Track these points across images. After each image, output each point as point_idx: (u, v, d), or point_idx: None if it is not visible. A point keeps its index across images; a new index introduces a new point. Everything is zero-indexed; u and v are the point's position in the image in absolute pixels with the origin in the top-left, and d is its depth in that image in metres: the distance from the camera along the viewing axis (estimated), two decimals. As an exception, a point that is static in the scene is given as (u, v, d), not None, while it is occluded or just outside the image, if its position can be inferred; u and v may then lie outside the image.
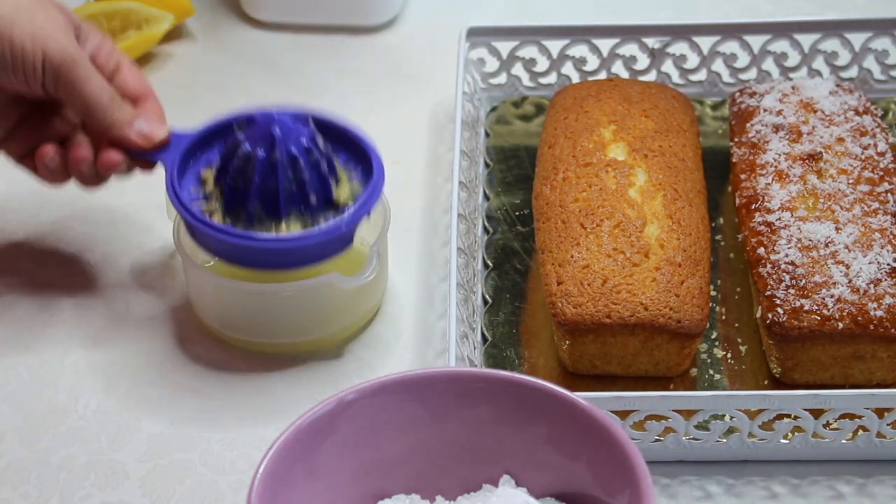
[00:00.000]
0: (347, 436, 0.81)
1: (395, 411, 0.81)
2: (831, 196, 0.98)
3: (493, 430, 0.82)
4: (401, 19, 1.32)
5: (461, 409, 0.82)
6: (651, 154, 1.02)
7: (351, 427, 0.81)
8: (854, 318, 0.92)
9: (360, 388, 0.80)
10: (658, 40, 1.18)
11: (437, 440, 0.83)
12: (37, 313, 1.03)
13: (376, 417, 0.81)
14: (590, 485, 0.80)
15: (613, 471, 0.78)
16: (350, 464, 0.81)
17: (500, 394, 0.81)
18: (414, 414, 0.82)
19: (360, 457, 0.82)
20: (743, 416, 0.89)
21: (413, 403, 0.82)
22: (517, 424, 0.82)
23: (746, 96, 1.10)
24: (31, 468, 0.93)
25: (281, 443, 0.78)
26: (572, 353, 0.95)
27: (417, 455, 0.83)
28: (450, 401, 0.82)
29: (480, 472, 0.83)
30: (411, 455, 0.83)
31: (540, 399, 0.81)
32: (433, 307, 1.03)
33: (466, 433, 0.82)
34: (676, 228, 0.97)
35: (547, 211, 1.00)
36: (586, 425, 0.80)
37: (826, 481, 0.91)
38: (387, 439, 0.82)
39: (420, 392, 0.82)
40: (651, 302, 0.93)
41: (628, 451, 0.77)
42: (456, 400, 0.82)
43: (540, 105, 1.19)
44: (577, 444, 0.80)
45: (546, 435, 0.81)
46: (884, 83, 1.18)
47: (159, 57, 1.28)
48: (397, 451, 0.82)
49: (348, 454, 0.81)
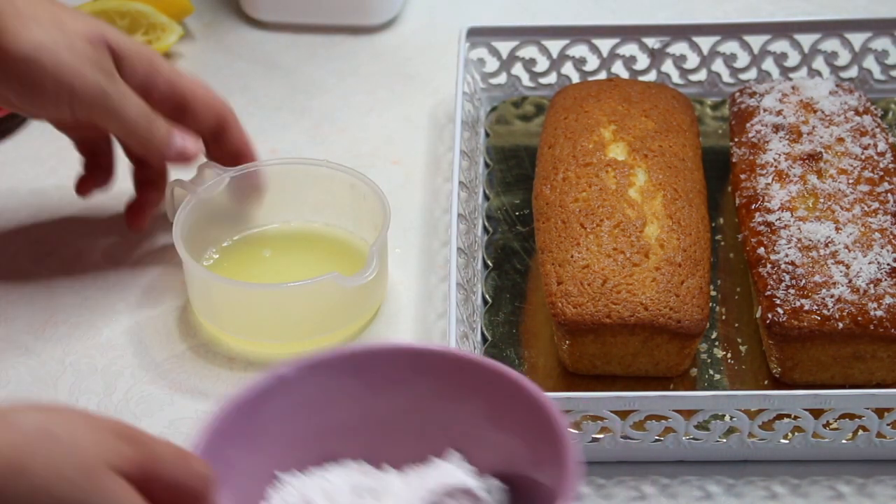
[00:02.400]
0: (288, 407, 0.81)
1: (335, 386, 0.82)
2: (831, 196, 0.98)
3: (436, 405, 0.82)
4: (401, 19, 1.32)
5: (400, 384, 0.82)
6: (651, 154, 1.02)
7: (292, 399, 0.81)
8: (854, 318, 0.92)
9: (298, 364, 0.81)
10: (658, 40, 1.18)
11: (381, 412, 0.83)
12: (37, 313, 1.03)
13: (316, 391, 0.82)
14: (528, 465, 0.80)
15: (547, 451, 0.77)
16: (294, 431, 0.81)
17: (437, 369, 0.81)
18: (353, 388, 0.82)
19: (304, 424, 0.82)
20: (743, 416, 0.89)
21: (350, 379, 0.82)
22: (458, 400, 0.82)
23: (746, 96, 1.10)
24: (31, 468, 0.93)
25: (220, 414, 0.78)
26: (572, 353, 0.95)
27: (363, 425, 0.83)
28: (388, 376, 0.82)
29: (427, 445, 0.83)
30: (358, 425, 0.83)
31: (478, 374, 0.81)
32: (433, 307, 1.03)
33: (409, 407, 0.82)
34: (676, 228, 0.97)
35: (547, 211, 1.00)
36: (524, 403, 0.79)
37: (826, 481, 0.91)
38: (330, 410, 0.82)
39: (357, 368, 0.82)
40: (651, 302, 0.93)
41: (559, 429, 0.77)
42: (394, 375, 0.82)
43: (540, 105, 1.19)
44: (516, 421, 0.80)
45: (486, 411, 0.81)
46: (884, 83, 1.18)
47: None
48: (343, 421, 0.82)
49: (291, 423, 0.81)
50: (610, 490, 0.91)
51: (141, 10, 1.26)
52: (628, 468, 0.92)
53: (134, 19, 1.26)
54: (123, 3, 1.26)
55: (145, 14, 1.26)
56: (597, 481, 0.91)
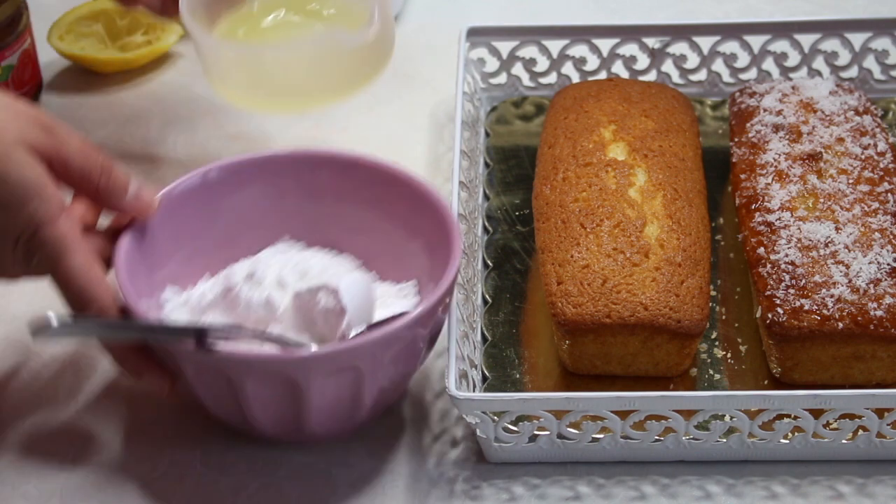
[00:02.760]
0: (235, 198, 0.97)
1: (255, 188, 0.98)
2: (831, 196, 0.98)
3: (337, 205, 0.98)
4: (401, 19, 1.32)
5: (307, 187, 0.98)
6: (651, 154, 1.02)
7: (240, 192, 0.97)
8: (854, 318, 0.92)
9: (221, 165, 0.97)
10: (658, 40, 1.18)
11: (306, 212, 0.98)
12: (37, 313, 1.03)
13: (236, 191, 0.97)
14: (424, 266, 0.95)
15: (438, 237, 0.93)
16: (219, 225, 0.97)
17: (340, 172, 0.98)
18: (272, 189, 0.98)
19: (226, 221, 0.98)
20: (743, 416, 0.89)
21: (264, 183, 0.98)
22: (357, 201, 0.98)
23: (746, 96, 1.10)
24: (31, 468, 0.93)
25: (176, 188, 0.95)
26: (572, 353, 0.95)
27: (283, 221, 0.99)
28: (298, 178, 0.98)
29: (337, 241, 0.99)
30: (280, 220, 0.99)
31: (372, 175, 0.98)
32: (433, 307, 1.03)
33: (320, 209, 0.98)
34: (676, 228, 0.97)
35: (547, 211, 1.00)
36: (413, 196, 0.96)
37: (826, 481, 0.91)
38: (254, 208, 0.98)
39: (269, 172, 0.98)
40: (651, 302, 0.93)
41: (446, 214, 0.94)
42: (303, 177, 0.98)
43: (540, 105, 1.19)
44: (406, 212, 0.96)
45: (386, 212, 0.97)
46: (884, 83, 1.18)
47: (159, 57, 1.28)
48: (267, 217, 0.98)
49: (234, 213, 0.98)
50: (610, 490, 0.91)
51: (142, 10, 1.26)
52: (628, 468, 0.92)
53: (134, 19, 1.26)
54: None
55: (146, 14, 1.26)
56: (597, 481, 0.91)
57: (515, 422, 0.91)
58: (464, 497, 0.90)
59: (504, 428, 0.90)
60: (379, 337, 0.86)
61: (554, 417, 0.89)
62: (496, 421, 0.90)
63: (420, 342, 0.90)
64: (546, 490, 0.91)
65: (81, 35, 1.26)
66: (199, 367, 0.87)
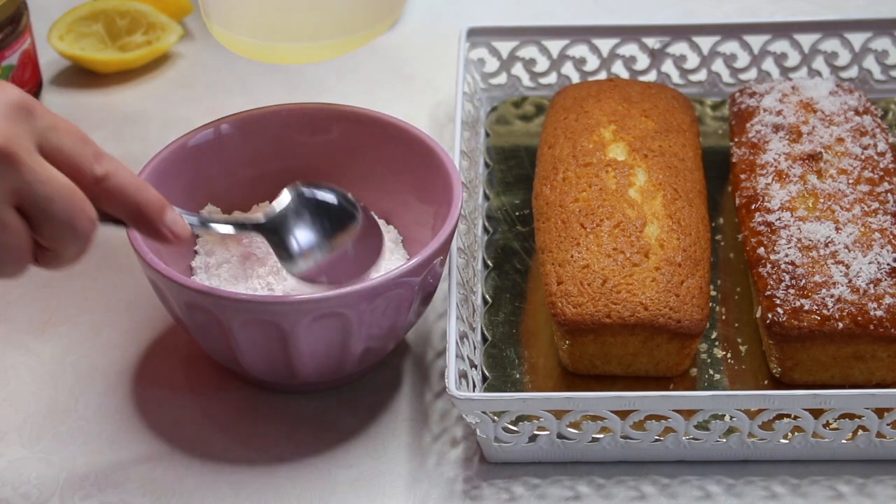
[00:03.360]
0: (227, 155, 1.02)
1: (266, 138, 1.02)
2: (831, 196, 0.98)
3: (338, 157, 1.03)
4: (401, 19, 1.32)
5: (320, 138, 1.03)
6: (651, 154, 1.02)
7: (232, 146, 1.01)
8: (854, 318, 0.92)
9: (229, 120, 1.01)
10: (658, 40, 1.18)
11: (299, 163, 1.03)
12: (37, 313, 1.03)
13: (243, 145, 1.02)
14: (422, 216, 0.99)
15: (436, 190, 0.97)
16: (233, 177, 1.02)
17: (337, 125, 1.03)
18: (286, 140, 1.03)
19: (240, 173, 1.02)
20: (743, 416, 0.89)
21: (282, 132, 1.02)
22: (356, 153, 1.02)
23: (746, 96, 1.10)
24: (31, 468, 0.93)
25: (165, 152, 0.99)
26: (572, 353, 0.95)
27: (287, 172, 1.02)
28: (308, 131, 1.03)
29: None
30: (285, 172, 1.02)
31: (377, 128, 1.03)
32: (433, 307, 1.03)
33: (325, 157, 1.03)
34: (676, 228, 0.97)
35: (547, 211, 1.01)
36: (413, 147, 1.00)
37: (826, 481, 0.91)
38: (263, 161, 1.02)
39: (287, 124, 1.02)
40: (651, 302, 0.93)
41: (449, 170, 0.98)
42: (316, 129, 1.03)
43: (540, 105, 1.19)
44: (404, 164, 1.00)
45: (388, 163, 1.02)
46: (884, 83, 1.18)
47: (159, 57, 1.28)
48: (275, 169, 1.02)
49: (230, 170, 1.02)
50: (610, 490, 0.91)
51: (141, 9, 1.27)
52: (628, 468, 0.92)
53: (134, 19, 1.26)
54: (123, 3, 1.27)
55: (145, 14, 1.27)
56: (597, 481, 0.91)
57: (515, 422, 0.91)
58: (464, 497, 0.90)
59: (504, 428, 0.90)
60: (363, 287, 0.89)
61: (554, 417, 0.89)
62: (496, 421, 0.90)
63: (411, 295, 0.92)
64: (546, 490, 0.91)
65: (81, 35, 1.26)
66: (191, 307, 0.90)
